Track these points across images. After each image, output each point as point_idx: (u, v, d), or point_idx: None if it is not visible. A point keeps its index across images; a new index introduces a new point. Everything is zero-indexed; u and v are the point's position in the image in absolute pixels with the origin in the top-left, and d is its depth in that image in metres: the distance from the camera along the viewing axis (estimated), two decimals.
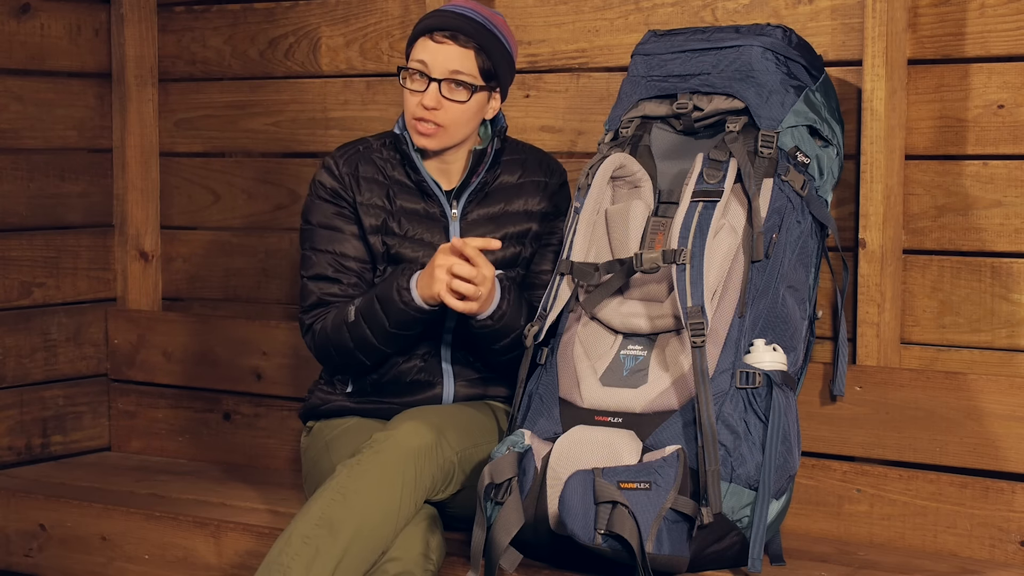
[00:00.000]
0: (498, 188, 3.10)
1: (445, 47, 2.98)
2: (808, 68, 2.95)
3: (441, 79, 2.97)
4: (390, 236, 3.06)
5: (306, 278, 3.09)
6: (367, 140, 3.15)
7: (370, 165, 3.09)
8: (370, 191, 3.07)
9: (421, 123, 3.00)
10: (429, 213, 3.07)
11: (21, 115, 3.86)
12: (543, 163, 3.16)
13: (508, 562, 2.70)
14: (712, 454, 2.64)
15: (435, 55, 2.98)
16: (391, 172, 3.09)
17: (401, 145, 3.06)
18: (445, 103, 2.99)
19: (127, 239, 4.04)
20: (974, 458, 2.94)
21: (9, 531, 3.54)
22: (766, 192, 2.84)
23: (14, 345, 3.86)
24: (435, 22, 3.00)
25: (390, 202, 3.07)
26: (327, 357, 3.06)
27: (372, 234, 3.06)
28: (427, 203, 3.08)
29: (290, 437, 3.76)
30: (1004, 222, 2.99)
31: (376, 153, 3.11)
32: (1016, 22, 2.96)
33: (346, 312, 2.98)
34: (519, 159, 3.14)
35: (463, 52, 2.98)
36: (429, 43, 2.99)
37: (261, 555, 3.12)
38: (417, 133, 3.01)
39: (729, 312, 2.78)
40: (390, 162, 3.10)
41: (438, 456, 2.81)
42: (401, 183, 3.08)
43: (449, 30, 2.98)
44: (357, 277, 3.06)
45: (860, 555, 2.95)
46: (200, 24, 3.97)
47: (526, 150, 3.17)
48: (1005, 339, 3.00)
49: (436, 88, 2.98)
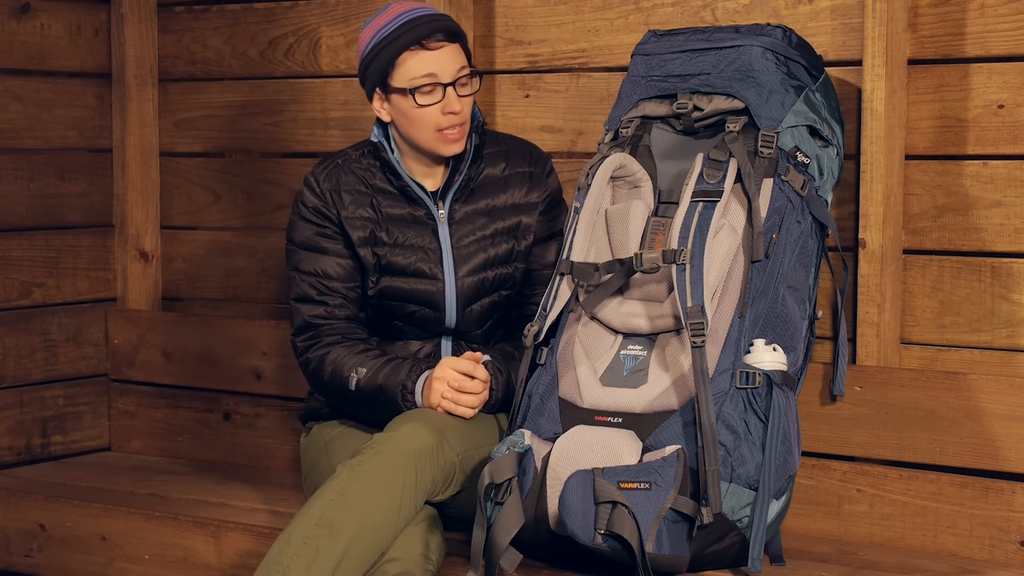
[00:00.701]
0: (483, 183, 3.09)
1: (443, 49, 2.97)
2: (808, 68, 2.95)
3: (454, 81, 2.97)
4: (380, 246, 3.05)
5: (293, 300, 3.09)
6: (345, 152, 3.13)
7: (351, 176, 3.08)
8: (354, 203, 3.06)
9: (450, 131, 2.99)
10: (416, 217, 3.06)
11: (21, 115, 3.86)
12: (525, 153, 3.14)
13: (508, 562, 2.70)
14: (712, 454, 2.64)
15: (439, 62, 2.96)
16: (373, 181, 3.07)
17: (381, 153, 3.05)
18: (464, 101, 2.99)
19: (127, 239, 4.04)
20: (974, 458, 2.94)
21: (9, 531, 3.54)
22: (766, 192, 2.84)
23: (14, 345, 3.86)
24: (417, 33, 2.95)
25: (376, 211, 3.06)
26: (318, 390, 3.11)
27: (361, 246, 3.05)
28: (412, 207, 3.07)
29: (290, 437, 3.76)
30: (1004, 222, 2.99)
31: (355, 164, 3.09)
32: (1016, 22, 2.96)
33: (347, 378, 2.98)
34: (501, 151, 3.12)
35: (454, 47, 2.98)
36: (424, 53, 2.96)
37: (261, 555, 3.12)
38: (449, 142, 2.99)
39: (729, 312, 2.78)
40: (370, 170, 3.08)
41: (439, 457, 2.81)
42: (384, 191, 3.07)
43: (435, 33, 2.96)
44: (342, 298, 3.06)
45: (860, 555, 2.95)
46: (200, 24, 3.97)
47: (506, 141, 3.15)
48: (1005, 339, 3.00)
49: (453, 92, 2.97)
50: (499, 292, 3.08)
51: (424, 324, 3.08)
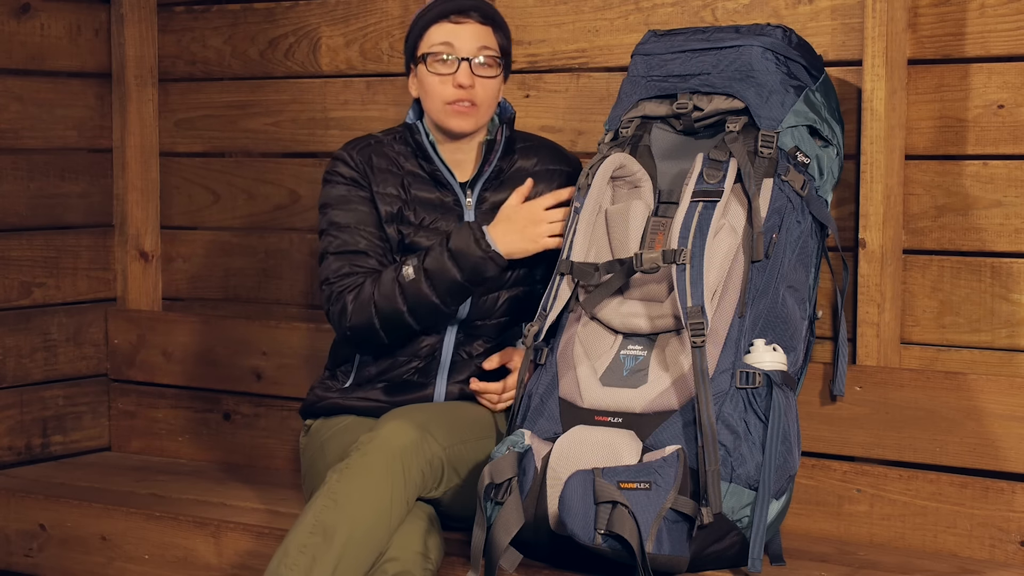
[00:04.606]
0: (514, 175, 3.10)
1: (468, 25, 3.00)
2: (808, 68, 2.95)
3: (471, 57, 2.99)
4: (405, 225, 3.06)
5: (332, 254, 3.04)
6: (374, 135, 3.16)
7: (382, 157, 3.10)
8: (385, 181, 3.08)
9: (458, 104, 3.00)
10: (443, 202, 3.08)
11: (21, 115, 3.86)
12: (557, 152, 3.17)
13: (508, 562, 2.71)
14: (712, 454, 2.64)
15: (459, 34, 2.99)
16: (404, 163, 3.09)
17: (415, 135, 3.06)
18: (478, 80, 3.00)
19: (127, 239, 4.04)
20: (974, 458, 2.94)
21: (9, 531, 3.54)
22: (766, 192, 2.84)
23: (14, 345, 3.86)
24: (448, 7, 3.01)
25: (405, 191, 3.07)
26: (362, 325, 2.99)
27: (388, 223, 3.06)
28: (441, 192, 3.08)
29: (290, 437, 3.76)
30: (1004, 222, 2.99)
31: (387, 147, 3.12)
32: (1016, 22, 2.96)
33: (401, 272, 2.95)
34: (533, 146, 3.15)
35: (484, 29, 3.01)
36: (449, 26, 3.00)
37: (261, 555, 3.13)
38: (454, 115, 3.01)
39: (729, 312, 2.78)
40: (402, 154, 3.10)
41: (425, 452, 2.81)
42: (415, 174, 3.09)
43: (468, 11, 3.01)
44: (379, 244, 3.04)
45: (860, 555, 2.95)
46: (200, 24, 3.97)
47: (536, 139, 3.19)
48: (1005, 339, 3.00)
49: (467, 66, 2.99)
50: (519, 287, 3.08)
51: None
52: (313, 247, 3.81)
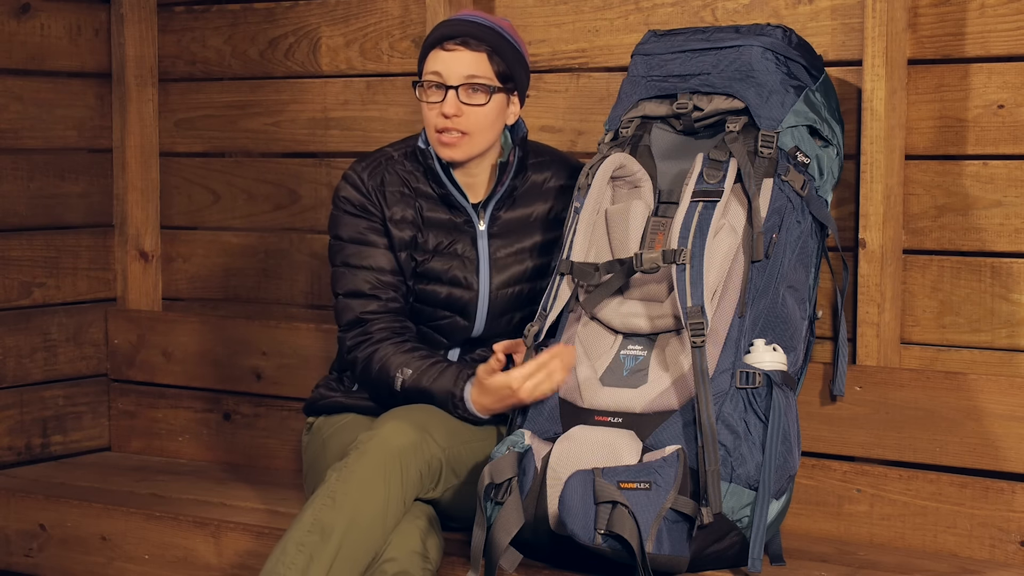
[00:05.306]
0: (527, 192, 3.09)
1: (457, 54, 2.97)
2: (808, 68, 2.95)
3: (457, 85, 2.97)
4: (419, 251, 3.05)
5: (342, 295, 3.06)
6: (386, 151, 3.12)
7: (394, 176, 3.07)
8: (398, 205, 3.05)
9: (444, 134, 2.98)
10: (456, 224, 3.06)
11: (21, 115, 3.86)
12: (568, 166, 3.15)
13: (508, 562, 2.71)
14: (712, 454, 2.64)
15: (448, 63, 2.97)
16: (415, 184, 3.06)
17: (427, 160, 3.04)
18: (465, 109, 2.97)
19: (127, 239, 4.04)
20: (974, 458, 2.94)
21: (9, 531, 3.54)
22: (766, 192, 2.84)
23: (14, 345, 3.86)
24: (444, 31, 2.99)
25: (418, 214, 3.05)
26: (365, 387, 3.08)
27: (401, 249, 3.04)
28: (453, 214, 3.06)
29: (290, 437, 3.76)
30: (1004, 222, 2.99)
31: (398, 165, 3.08)
32: (1016, 22, 2.96)
33: (393, 378, 2.96)
34: (545, 160, 3.13)
35: (476, 56, 2.97)
36: (441, 53, 2.98)
37: (261, 555, 3.13)
38: (441, 145, 2.99)
39: (729, 312, 2.78)
40: (414, 174, 3.07)
41: (424, 452, 2.82)
42: (427, 194, 3.06)
43: (459, 37, 2.97)
44: (395, 291, 3.04)
45: (860, 555, 2.95)
46: (200, 24, 3.97)
47: (549, 152, 3.17)
48: (1005, 339, 3.00)
49: (454, 95, 2.97)
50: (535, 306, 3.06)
51: (451, 331, 3.08)
52: (313, 247, 3.80)
